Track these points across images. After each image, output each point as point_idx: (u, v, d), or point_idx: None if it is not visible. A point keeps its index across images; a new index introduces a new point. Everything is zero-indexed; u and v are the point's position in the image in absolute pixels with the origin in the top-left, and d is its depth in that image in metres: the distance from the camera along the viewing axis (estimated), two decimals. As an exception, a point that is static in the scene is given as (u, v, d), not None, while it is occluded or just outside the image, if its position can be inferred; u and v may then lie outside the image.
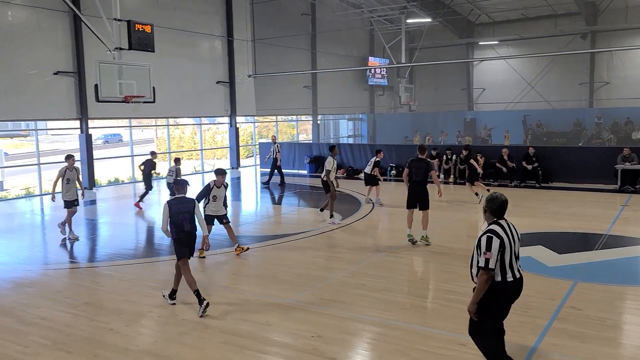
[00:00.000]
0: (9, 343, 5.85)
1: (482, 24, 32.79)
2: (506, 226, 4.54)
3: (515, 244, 4.54)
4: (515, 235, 4.59)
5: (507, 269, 4.45)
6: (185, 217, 6.90)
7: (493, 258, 4.37)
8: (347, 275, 8.11)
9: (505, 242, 4.43)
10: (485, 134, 29.04)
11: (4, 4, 15.50)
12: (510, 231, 4.53)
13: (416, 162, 9.78)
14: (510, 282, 4.47)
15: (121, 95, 13.00)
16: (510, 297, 4.57)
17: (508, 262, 4.46)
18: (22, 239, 11.61)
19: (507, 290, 4.48)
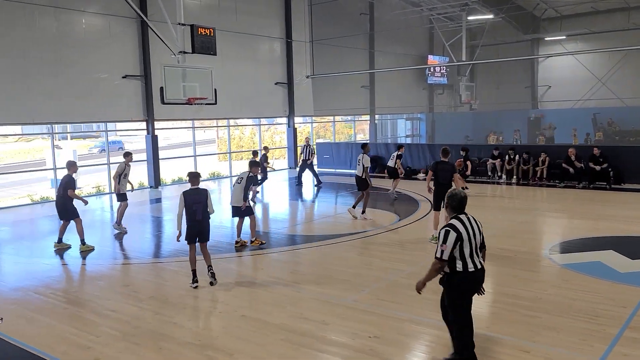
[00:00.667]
0: (83, 332, 6.19)
1: (548, 18, 31.53)
2: (466, 220, 4.90)
3: (476, 237, 4.90)
4: (477, 229, 4.95)
5: (467, 259, 4.81)
6: (198, 207, 7.56)
7: (447, 250, 4.76)
8: (405, 276, 8.02)
9: (463, 235, 4.79)
10: (549, 133, 27.86)
11: (79, 12, 16.41)
12: (470, 225, 4.89)
13: (442, 164, 10.04)
14: (471, 272, 4.84)
15: (185, 97, 13.48)
16: (471, 285, 4.92)
17: (468, 254, 4.82)
18: (93, 235, 12.24)
19: (467, 279, 4.86)
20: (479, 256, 4.95)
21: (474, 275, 4.86)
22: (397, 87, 30.11)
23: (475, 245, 4.90)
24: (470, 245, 4.84)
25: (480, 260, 4.96)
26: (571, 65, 30.57)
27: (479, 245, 4.96)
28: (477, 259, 4.89)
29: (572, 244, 9.85)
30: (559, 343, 5.57)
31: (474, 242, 4.87)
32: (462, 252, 4.80)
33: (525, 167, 17.81)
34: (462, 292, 4.94)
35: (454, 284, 4.90)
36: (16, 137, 31.41)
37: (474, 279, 4.89)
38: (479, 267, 4.91)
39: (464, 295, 4.96)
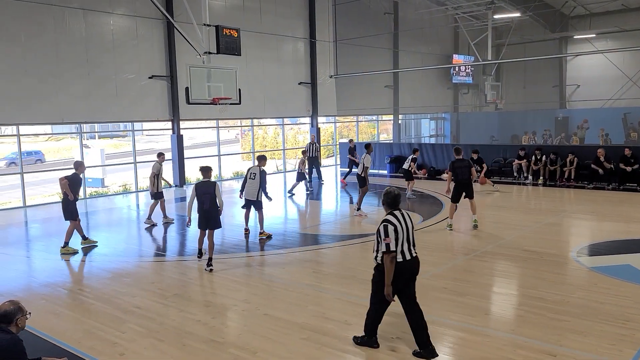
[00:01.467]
0: (109, 328, 6.30)
1: (577, 16, 30.88)
2: (400, 216, 5.42)
3: (409, 230, 5.42)
4: (409, 223, 5.46)
5: (401, 249, 5.33)
6: (206, 197, 8.41)
7: (392, 242, 5.25)
8: (428, 277, 7.95)
9: (398, 228, 5.30)
10: (581, 134, 27.08)
11: (107, 14, 16.73)
12: (403, 219, 5.42)
13: (458, 162, 10.97)
14: (401, 262, 5.32)
15: (209, 97, 13.61)
16: (402, 274, 5.36)
17: (401, 245, 5.33)
18: (120, 233, 12.48)
19: (400, 267, 5.32)
20: (411, 247, 5.43)
21: (405, 265, 5.35)
22: (421, 87, 29.89)
23: (408, 238, 5.39)
24: (404, 237, 5.35)
25: (413, 251, 5.44)
26: (601, 64, 29.88)
27: (412, 239, 5.45)
28: (407, 251, 5.37)
29: (601, 247, 9.63)
30: (586, 347, 5.46)
31: (406, 235, 5.37)
32: (396, 244, 5.30)
33: (552, 168, 17.49)
34: (395, 280, 5.34)
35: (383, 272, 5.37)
36: (46, 136, 32.18)
37: (403, 268, 5.35)
38: (407, 258, 5.38)
39: (396, 283, 5.36)
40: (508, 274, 8.33)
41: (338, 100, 24.90)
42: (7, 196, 19.85)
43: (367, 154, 12.89)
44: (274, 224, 12.37)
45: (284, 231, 11.89)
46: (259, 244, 10.50)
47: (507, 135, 30.03)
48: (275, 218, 13.38)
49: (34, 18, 15.09)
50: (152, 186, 12.32)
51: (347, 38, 24.11)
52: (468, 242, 10.32)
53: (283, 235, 11.40)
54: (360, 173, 12.90)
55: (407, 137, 31.26)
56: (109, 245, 10.88)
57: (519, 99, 33.20)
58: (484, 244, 9.81)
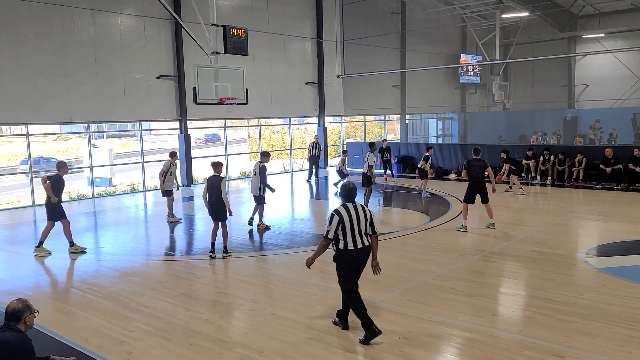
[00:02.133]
0: (117, 327, 6.33)
1: (586, 15, 30.67)
2: (351, 208, 5.82)
3: (360, 222, 5.78)
4: (361, 215, 5.81)
5: (348, 239, 5.74)
6: (213, 191, 9.14)
7: (331, 230, 5.75)
8: (436, 277, 7.94)
9: (345, 219, 5.73)
10: (594, 134, 26.66)
11: (115, 14, 16.82)
12: (355, 211, 5.80)
13: (474, 161, 10.90)
14: (351, 250, 5.77)
15: (217, 97, 13.64)
16: (350, 260, 5.82)
17: (350, 234, 5.74)
18: (127, 232, 12.53)
19: (348, 254, 5.79)
20: (362, 238, 5.80)
21: (352, 253, 5.79)
22: (428, 87, 29.81)
23: (359, 228, 5.77)
24: (352, 228, 5.73)
25: (364, 241, 5.83)
26: (610, 63, 29.67)
27: (363, 229, 5.80)
28: (359, 240, 5.78)
29: (609, 247, 9.57)
30: (595, 349, 5.42)
31: (357, 226, 5.76)
32: (344, 233, 5.74)
33: (560, 168, 17.39)
34: (344, 266, 5.86)
35: (338, 259, 5.87)
36: (55, 136, 32.38)
37: (353, 256, 5.80)
38: (359, 246, 5.79)
39: (346, 268, 5.86)
40: (516, 275, 8.30)
41: (345, 100, 24.89)
42: (16, 195, 20.00)
43: (371, 152, 13.01)
44: (281, 224, 12.40)
45: (291, 231, 11.91)
46: (267, 244, 10.51)
47: (515, 135, 29.90)
48: (282, 218, 13.40)
49: (43, 19, 15.19)
50: (161, 184, 12.60)
51: (354, 38, 24.09)
52: (476, 243, 10.29)
53: (290, 234, 11.42)
54: (366, 172, 12.98)
55: (414, 137, 31.19)
56: (117, 245, 10.94)
57: (527, 98, 33.03)
58: (492, 245, 9.77)
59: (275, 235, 11.07)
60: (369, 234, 5.89)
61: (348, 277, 5.88)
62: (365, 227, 5.84)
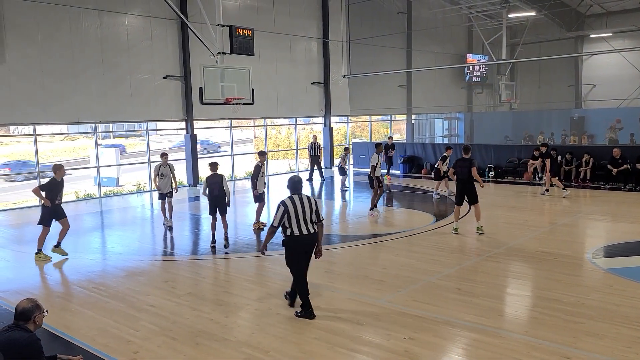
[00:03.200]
0: (123, 327, 6.36)
1: (593, 15, 30.51)
2: (297, 199, 6.41)
3: (305, 211, 6.38)
4: (306, 205, 6.41)
5: (293, 227, 6.35)
6: (215, 186, 9.92)
7: (277, 219, 6.37)
8: (442, 278, 7.92)
9: (289, 209, 6.33)
10: (612, 134, 26.13)
11: (122, 15, 16.89)
12: (300, 202, 6.40)
13: (461, 161, 10.61)
14: (296, 236, 6.37)
15: (223, 97, 13.66)
16: (296, 245, 6.43)
17: (295, 223, 6.34)
18: (134, 231, 12.58)
19: (293, 240, 6.41)
20: (307, 225, 6.38)
21: (297, 239, 6.37)
22: (434, 87, 29.75)
23: (304, 217, 6.36)
24: (297, 216, 6.33)
25: (309, 228, 6.40)
26: (617, 63, 29.47)
27: (308, 218, 6.39)
28: (304, 227, 6.36)
29: (616, 248, 9.51)
30: (602, 350, 5.40)
31: (302, 215, 6.35)
32: (289, 222, 6.34)
33: (567, 168, 17.30)
34: (291, 251, 6.49)
35: (286, 244, 6.49)
36: (62, 136, 32.56)
37: (298, 241, 6.38)
38: (304, 233, 6.37)
39: (293, 253, 6.49)
40: (522, 275, 8.26)
41: (351, 100, 24.88)
42: (24, 195, 20.12)
43: (375, 153, 12.86)
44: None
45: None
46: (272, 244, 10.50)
47: (521, 135, 29.79)
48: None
49: (51, 19, 15.28)
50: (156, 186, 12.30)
51: (360, 38, 24.07)
52: (482, 243, 10.25)
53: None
54: (370, 173, 12.87)
55: (420, 137, 31.13)
56: (124, 244, 10.99)
57: (534, 98, 32.89)
58: (498, 245, 9.74)
59: (280, 235, 11.06)
60: (314, 222, 6.47)
61: (295, 261, 6.52)
62: (311, 216, 6.43)
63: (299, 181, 6.59)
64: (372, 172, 12.73)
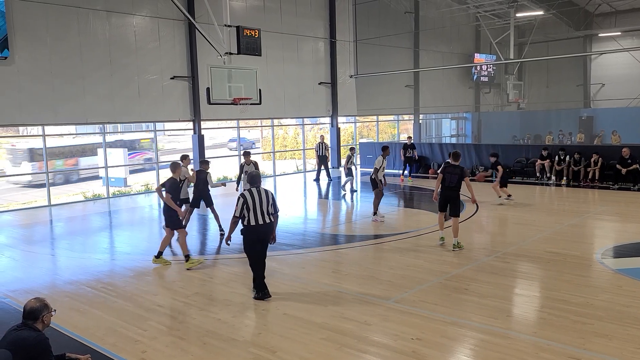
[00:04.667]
0: (131, 326, 6.39)
1: (602, 14, 30.30)
2: (255, 192, 7.03)
3: (262, 203, 6.99)
4: (263, 197, 7.02)
5: (251, 217, 6.95)
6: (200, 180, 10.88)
7: (237, 210, 6.98)
8: (450, 278, 7.90)
9: (248, 201, 6.94)
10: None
11: (130, 16, 16.97)
12: (258, 194, 7.01)
13: (451, 167, 9.70)
14: (252, 225, 6.97)
15: (230, 97, 13.68)
16: (252, 234, 7.02)
17: (252, 213, 6.94)
18: (141, 232, 12.64)
19: (250, 230, 7.00)
20: (264, 216, 6.98)
21: (254, 228, 6.96)
22: (442, 86, 29.65)
23: (260, 209, 6.96)
24: (254, 207, 6.93)
25: (266, 218, 7.00)
26: (626, 62, 29.23)
27: (265, 209, 6.99)
28: (260, 217, 6.96)
29: (626, 248, 9.44)
30: (611, 351, 5.35)
31: (259, 206, 6.96)
32: (247, 212, 6.93)
33: (576, 168, 17.19)
34: (248, 239, 7.09)
35: (243, 232, 7.07)
36: (71, 137, 32.72)
37: (254, 230, 6.98)
38: (260, 222, 6.96)
39: (249, 240, 7.08)
40: (530, 276, 8.22)
41: (358, 100, 24.85)
42: (33, 195, 20.26)
43: (381, 156, 12.34)
44: (294, 224, 12.41)
45: (304, 231, 11.92)
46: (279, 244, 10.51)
47: (529, 135, 29.64)
48: (295, 218, 13.42)
49: (60, 20, 15.37)
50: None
51: (367, 38, 24.05)
52: (489, 243, 10.21)
53: (303, 235, 11.43)
54: (372, 176, 12.43)
55: (427, 137, 31.05)
56: (132, 245, 11.04)
57: (542, 98, 32.72)
58: (506, 245, 9.69)
59: (287, 235, 11.09)
60: (271, 213, 7.07)
61: (251, 248, 7.12)
62: (268, 208, 7.01)
63: (257, 175, 7.21)
64: (374, 174, 12.30)
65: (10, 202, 19.26)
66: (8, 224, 13.64)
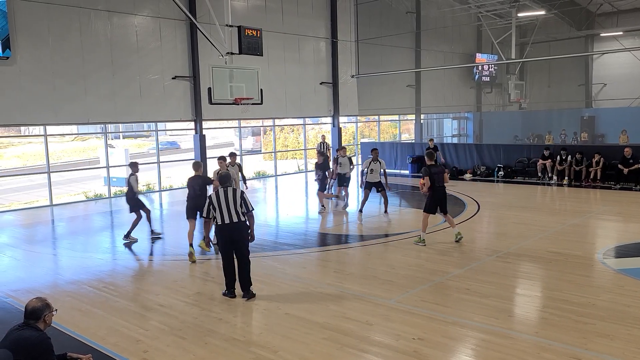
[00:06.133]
0: (132, 326, 6.39)
1: (604, 13, 30.27)
2: (222, 192, 7.12)
3: (229, 202, 7.06)
4: (230, 197, 7.08)
5: (218, 216, 7.08)
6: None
7: (204, 211, 7.20)
8: (451, 278, 7.89)
9: (214, 201, 7.09)
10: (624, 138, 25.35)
11: (131, 16, 16.98)
12: (225, 195, 7.09)
13: (435, 168, 9.90)
14: (220, 225, 7.12)
15: (232, 97, 13.70)
16: (222, 234, 7.17)
17: (219, 213, 7.07)
18: (143, 231, 12.63)
19: (218, 228, 7.18)
20: (231, 215, 7.04)
21: (221, 227, 7.11)
22: (443, 86, 29.65)
23: (227, 208, 7.04)
24: (220, 207, 7.04)
25: (233, 217, 7.05)
26: (628, 62, 29.21)
27: (233, 209, 7.05)
28: (227, 216, 7.04)
29: (628, 248, 9.43)
30: (613, 351, 5.35)
31: (226, 206, 7.03)
32: (215, 212, 7.08)
33: (577, 168, 17.16)
34: (219, 238, 7.26)
35: (215, 232, 7.33)
36: (72, 137, 32.79)
37: (223, 229, 7.11)
38: (227, 222, 7.06)
39: (221, 240, 7.22)
40: (532, 276, 8.21)
41: (359, 100, 24.85)
42: (35, 195, 20.30)
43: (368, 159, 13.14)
44: (295, 224, 12.41)
45: (305, 231, 11.92)
46: (281, 244, 10.53)
47: (533, 134, 29.64)
48: (296, 218, 13.42)
49: (61, 20, 15.39)
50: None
51: (368, 37, 24.05)
52: (491, 243, 10.20)
53: (304, 235, 11.43)
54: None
55: (429, 137, 31.02)
56: (134, 244, 11.04)
57: (544, 98, 32.69)
58: (508, 245, 9.68)
59: (288, 235, 11.09)
60: (243, 213, 7.13)
61: (223, 247, 7.24)
62: (236, 207, 7.06)
63: (226, 175, 7.33)
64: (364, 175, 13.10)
65: (12, 202, 19.29)
66: (10, 224, 13.66)
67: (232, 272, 7.26)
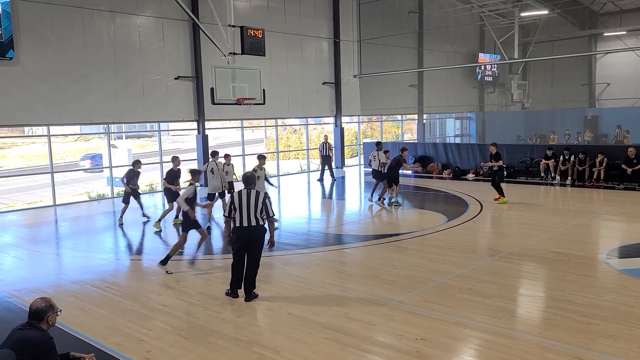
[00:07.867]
0: (136, 326, 6.41)
1: (607, 13, 30.18)
2: (244, 193, 6.96)
3: (250, 205, 6.90)
4: (252, 199, 6.91)
5: (237, 217, 6.94)
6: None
7: (226, 210, 7.07)
8: (453, 278, 7.88)
9: (235, 202, 6.92)
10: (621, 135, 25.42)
11: (134, 16, 17.01)
12: (247, 196, 6.93)
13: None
14: (238, 227, 6.96)
15: (234, 97, 13.71)
16: (239, 236, 7.01)
17: (239, 214, 6.91)
18: (146, 231, 12.66)
19: (237, 231, 6.99)
20: (250, 218, 6.88)
21: (241, 229, 6.95)
22: (446, 86, 29.61)
23: (248, 210, 6.88)
24: (241, 209, 6.89)
25: (252, 221, 6.90)
26: (632, 61, 29.07)
27: (252, 212, 6.89)
28: (245, 219, 6.89)
29: (631, 249, 9.40)
30: (616, 352, 5.34)
31: (246, 208, 6.88)
32: (235, 213, 6.94)
33: (581, 168, 17.12)
34: (235, 239, 7.07)
35: (232, 232, 7.13)
36: (75, 137, 32.84)
37: (239, 231, 6.97)
38: (244, 225, 6.91)
39: (237, 240, 7.06)
40: (535, 276, 8.20)
41: (362, 100, 24.84)
42: (38, 195, 20.35)
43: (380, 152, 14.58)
44: (298, 224, 12.42)
45: (308, 231, 11.92)
46: (283, 244, 10.54)
47: (536, 133, 29.58)
48: (299, 218, 13.43)
49: (65, 21, 15.43)
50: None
51: (371, 37, 24.03)
52: (494, 243, 10.19)
53: (307, 235, 11.44)
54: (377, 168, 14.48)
55: (431, 137, 31.01)
56: (136, 244, 11.06)
57: (547, 98, 32.62)
58: (511, 245, 9.67)
59: (291, 235, 11.10)
60: (263, 217, 6.98)
61: (236, 247, 7.10)
62: (256, 211, 6.91)
63: (250, 176, 7.12)
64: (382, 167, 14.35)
65: (16, 202, 19.35)
66: (13, 224, 13.70)
67: (239, 272, 7.18)
